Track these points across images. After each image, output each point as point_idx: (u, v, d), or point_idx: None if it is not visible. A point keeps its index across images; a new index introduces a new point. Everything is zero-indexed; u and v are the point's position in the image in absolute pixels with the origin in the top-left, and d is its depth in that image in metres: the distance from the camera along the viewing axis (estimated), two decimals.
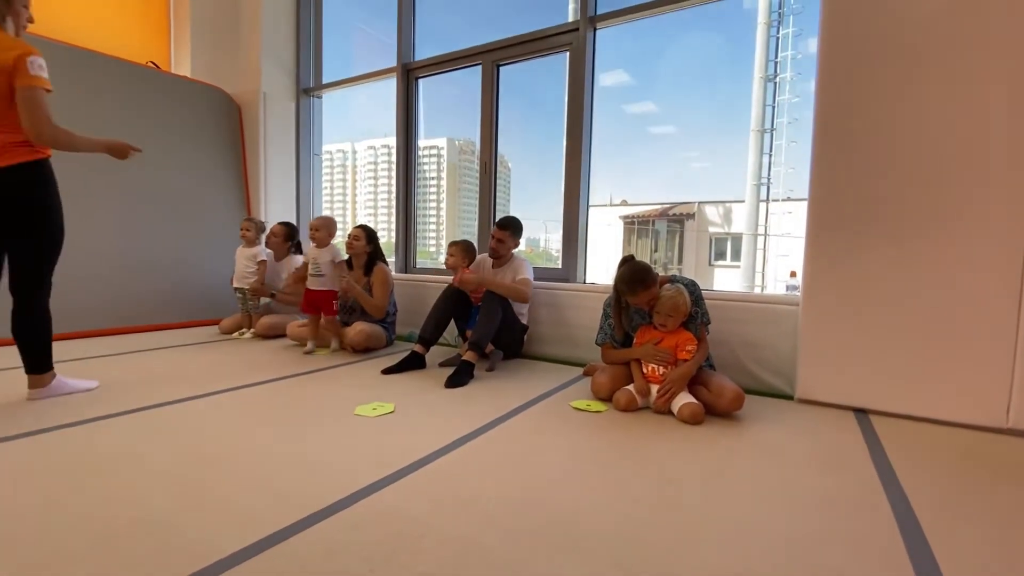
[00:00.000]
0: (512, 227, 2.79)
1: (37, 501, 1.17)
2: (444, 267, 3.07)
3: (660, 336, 2.03)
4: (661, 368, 1.98)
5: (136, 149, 2.04)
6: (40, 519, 1.09)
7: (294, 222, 4.44)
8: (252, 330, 3.39)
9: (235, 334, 3.42)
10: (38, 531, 1.05)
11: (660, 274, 2.08)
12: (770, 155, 10.33)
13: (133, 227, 3.55)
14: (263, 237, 3.51)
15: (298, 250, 3.55)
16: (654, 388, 1.96)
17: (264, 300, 3.49)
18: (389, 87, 3.93)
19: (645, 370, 2.01)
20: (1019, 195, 1.76)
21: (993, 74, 1.78)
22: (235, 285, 3.42)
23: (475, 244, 3.01)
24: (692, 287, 2.06)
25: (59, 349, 2.79)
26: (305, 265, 3.00)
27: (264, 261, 3.40)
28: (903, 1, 1.91)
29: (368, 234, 3.04)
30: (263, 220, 3.73)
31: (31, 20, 1.95)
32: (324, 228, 2.98)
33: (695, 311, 2.04)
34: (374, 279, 2.99)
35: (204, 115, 4.11)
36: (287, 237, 3.47)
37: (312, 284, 2.95)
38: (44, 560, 0.95)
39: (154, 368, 2.45)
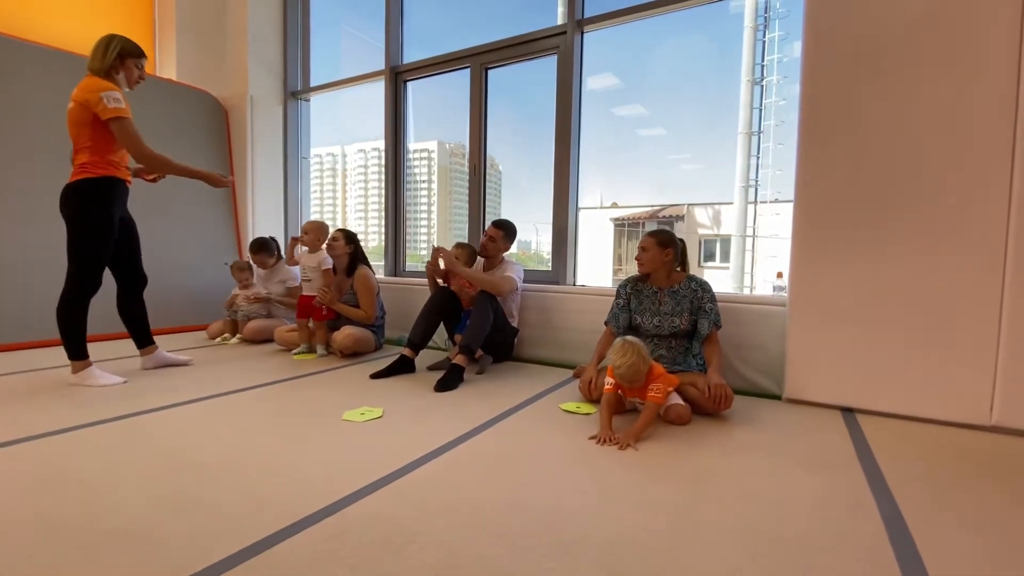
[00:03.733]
0: (506, 228, 2.83)
1: (19, 510, 1.14)
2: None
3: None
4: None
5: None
6: (21, 529, 1.07)
7: (282, 226, 4.43)
8: (239, 335, 3.37)
9: (218, 339, 3.39)
10: (20, 541, 1.02)
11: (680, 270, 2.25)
12: (758, 157, 10.43)
13: None
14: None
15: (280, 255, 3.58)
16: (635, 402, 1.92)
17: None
18: (378, 90, 3.92)
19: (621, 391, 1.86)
20: (1001, 195, 1.79)
21: (975, 76, 1.81)
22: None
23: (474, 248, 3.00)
24: (706, 286, 2.17)
25: (49, 355, 2.75)
26: (327, 272, 3.00)
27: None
28: (884, 5, 1.94)
29: (347, 236, 3.01)
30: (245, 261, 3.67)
31: (142, 78, 2.10)
32: (313, 232, 3.00)
33: (709, 307, 2.13)
34: (356, 284, 2.97)
35: (190, 119, 4.07)
36: (269, 253, 3.49)
37: (304, 289, 3.03)
38: (26, 571, 0.93)
39: (139, 374, 2.42)
